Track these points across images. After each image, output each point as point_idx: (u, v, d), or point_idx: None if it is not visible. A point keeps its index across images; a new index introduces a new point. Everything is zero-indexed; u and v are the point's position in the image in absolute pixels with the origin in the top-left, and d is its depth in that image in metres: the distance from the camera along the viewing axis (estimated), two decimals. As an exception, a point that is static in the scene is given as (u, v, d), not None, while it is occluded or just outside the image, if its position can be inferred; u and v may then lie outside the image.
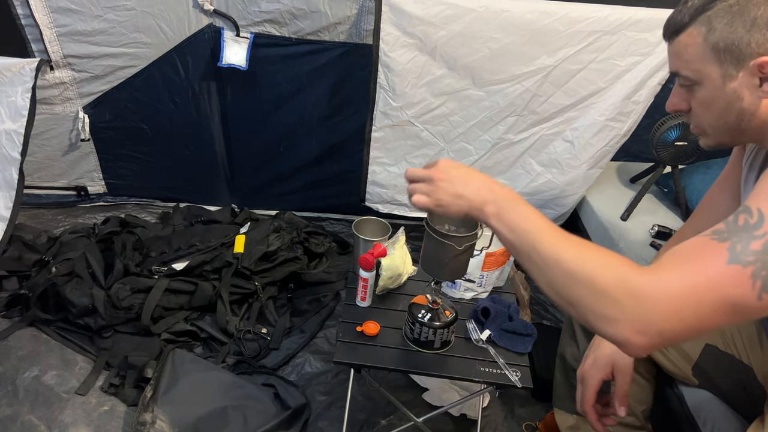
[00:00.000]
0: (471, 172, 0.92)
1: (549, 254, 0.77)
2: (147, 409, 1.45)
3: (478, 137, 2.00)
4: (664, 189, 2.03)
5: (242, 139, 2.23)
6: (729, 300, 0.68)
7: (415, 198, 0.92)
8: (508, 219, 0.83)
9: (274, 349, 1.82)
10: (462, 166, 0.93)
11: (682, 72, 0.87)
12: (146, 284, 1.84)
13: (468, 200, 0.88)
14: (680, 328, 0.69)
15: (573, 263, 0.75)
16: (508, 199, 0.85)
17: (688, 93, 0.89)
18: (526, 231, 0.81)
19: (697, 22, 0.83)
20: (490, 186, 0.87)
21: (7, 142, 1.94)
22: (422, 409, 1.60)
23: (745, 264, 0.67)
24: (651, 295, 0.69)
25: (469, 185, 0.89)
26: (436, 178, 0.91)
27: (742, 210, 0.72)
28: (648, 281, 0.70)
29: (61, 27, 1.93)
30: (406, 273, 1.51)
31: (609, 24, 1.75)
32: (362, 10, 1.85)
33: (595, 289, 0.72)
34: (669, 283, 0.69)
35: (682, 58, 0.86)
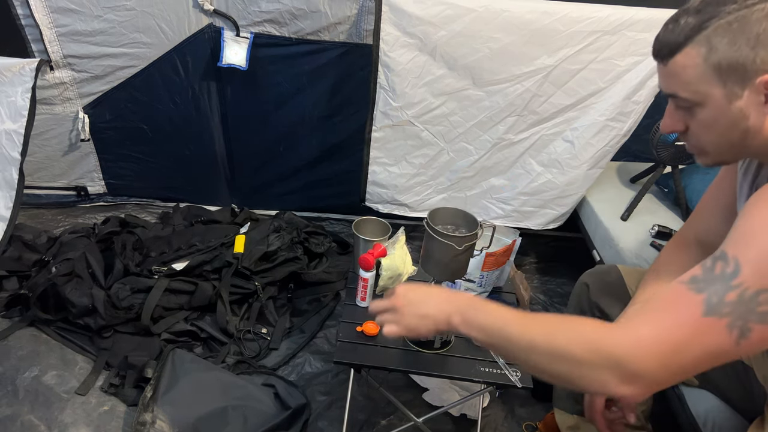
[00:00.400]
0: (428, 290, 0.97)
1: (522, 343, 0.81)
2: (147, 409, 1.45)
3: (478, 137, 2.00)
4: (664, 189, 2.03)
5: (242, 139, 2.23)
6: (708, 349, 0.71)
7: (385, 329, 0.96)
8: (475, 322, 0.87)
9: (274, 349, 1.82)
10: (418, 286, 0.99)
11: (680, 94, 0.84)
12: (146, 284, 1.84)
13: (433, 318, 0.92)
14: (667, 376, 0.73)
15: (546, 345, 0.78)
16: (468, 305, 0.89)
17: (686, 113, 0.86)
18: (494, 328, 0.84)
19: (695, 41, 0.79)
20: (448, 298, 0.92)
21: (7, 142, 1.94)
22: (422, 409, 1.60)
23: (721, 315, 0.70)
24: (629, 354, 0.72)
25: (430, 303, 0.93)
26: (398, 306, 0.96)
27: (720, 256, 0.74)
28: (622, 341, 0.73)
29: (61, 27, 1.93)
30: (406, 273, 1.51)
31: (609, 24, 1.75)
32: (362, 10, 1.85)
33: (574, 362, 0.76)
34: (646, 338, 0.72)
35: (680, 80, 0.83)
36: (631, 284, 1.22)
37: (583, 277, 1.30)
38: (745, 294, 0.69)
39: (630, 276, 1.23)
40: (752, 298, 0.69)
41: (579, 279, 1.31)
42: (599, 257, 1.87)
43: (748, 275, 0.70)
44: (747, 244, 0.73)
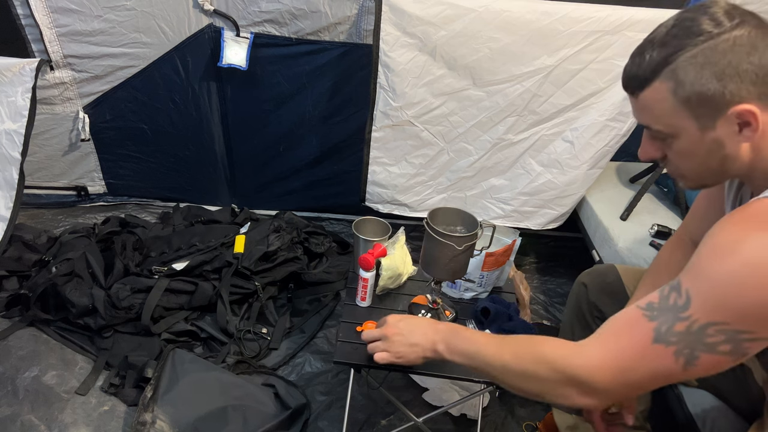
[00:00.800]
0: (416, 320, 1.07)
1: (497, 365, 0.90)
2: (147, 409, 1.45)
3: (478, 137, 2.00)
4: (664, 189, 2.03)
5: (242, 139, 2.23)
6: (656, 372, 0.77)
7: (377, 356, 1.07)
8: (458, 348, 0.96)
9: (274, 349, 1.82)
10: (407, 317, 1.09)
11: (653, 126, 0.85)
12: (146, 284, 1.84)
13: (421, 346, 1.01)
14: (622, 391, 0.81)
15: (516, 366, 0.87)
16: (451, 332, 0.98)
17: (662, 143, 0.86)
18: (474, 352, 0.93)
19: (661, 76, 0.79)
20: (434, 327, 1.02)
21: (7, 142, 1.94)
22: (422, 409, 1.60)
23: (668, 344, 0.75)
24: (584, 373, 0.80)
25: (417, 333, 1.03)
26: (389, 335, 1.06)
27: (675, 286, 0.77)
28: (577, 361, 0.81)
29: (61, 27, 1.93)
30: (406, 273, 1.52)
31: (609, 24, 1.75)
32: (362, 10, 1.85)
33: (541, 381, 0.85)
34: (597, 359, 0.80)
35: (652, 114, 0.84)
36: (629, 284, 1.22)
37: (581, 277, 1.30)
38: (693, 326, 0.73)
39: (628, 276, 1.24)
40: (700, 330, 0.73)
41: (577, 279, 1.31)
42: (599, 257, 1.87)
43: (697, 308, 0.73)
44: (698, 277, 0.75)
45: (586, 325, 1.27)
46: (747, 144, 0.79)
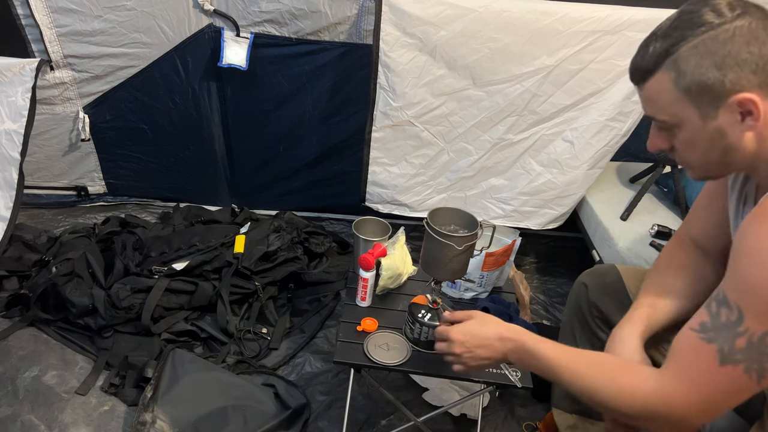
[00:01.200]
0: (481, 335, 1.06)
1: (573, 388, 0.93)
2: (147, 409, 1.45)
3: (478, 137, 2.00)
4: (664, 189, 2.03)
5: (242, 139, 2.23)
6: (733, 391, 0.79)
7: (454, 368, 1.10)
8: (528, 364, 1.00)
9: (274, 349, 1.82)
10: (472, 335, 1.07)
11: (658, 117, 0.86)
12: (146, 284, 1.84)
13: (494, 359, 1.05)
14: (712, 416, 0.83)
15: (594, 396, 0.90)
16: (521, 349, 1.00)
17: (669, 133, 0.88)
18: (545, 372, 0.96)
19: (664, 67, 0.81)
20: (502, 341, 1.03)
21: (7, 142, 1.94)
22: (422, 409, 1.60)
23: (735, 363, 0.76)
24: (666, 410, 0.82)
25: (487, 348, 1.04)
26: (459, 353, 1.07)
27: (722, 300, 0.79)
28: (657, 399, 0.83)
29: (61, 27, 1.93)
30: (406, 273, 1.52)
31: (609, 24, 1.75)
32: (362, 10, 1.85)
33: (622, 414, 0.88)
34: (676, 396, 0.81)
35: (656, 104, 0.85)
36: (629, 284, 1.21)
37: (581, 277, 1.30)
38: (753, 338, 0.74)
39: (628, 276, 1.23)
40: (761, 340, 0.74)
41: (577, 279, 1.31)
42: (599, 257, 1.87)
43: (752, 320, 0.75)
44: (743, 287, 0.77)
45: (586, 325, 1.26)
46: (750, 133, 0.80)
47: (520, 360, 1.01)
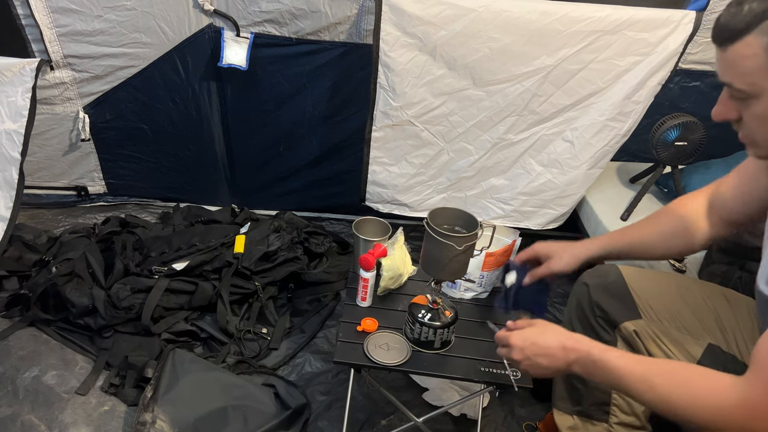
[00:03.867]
0: (544, 346, 1.01)
1: (643, 400, 0.90)
2: (147, 409, 1.45)
3: (478, 137, 2.00)
4: (664, 189, 2.03)
5: (242, 139, 2.23)
6: None
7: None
8: (595, 374, 0.96)
9: (274, 349, 1.82)
10: (532, 342, 1.03)
11: (735, 84, 0.80)
12: (146, 284, 1.84)
13: (555, 369, 1.01)
14: None
15: (667, 408, 0.86)
16: (587, 360, 0.95)
17: (741, 103, 0.82)
18: (613, 384, 0.94)
19: (757, 30, 0.73)
20: (565, 351, 0.98)
21: (7, 142, 1.94)
22: (422, 409, 1.60)
23: None
24: (747, 421, 0.78)
25: (549, 358, 1.00)
26: (519, 360, 1.04)
27: None
28: (739, 408, 0.78)
29: (61, 27, 1.93)
30: (407, 273, 1.51)
31: (609, 24, 1.75)
32: (362, 10, 1.85)
33: (698, 423, 0.84)
34: (760, 404, 0.77)
35: (737, 70, 0.78)
36: (632, 284, 1.21)
37: (582, 277, 1.30)
38: None
39: (630, 275, 1.23)
40: None
41: (578, 279, 1.31)
42: (599, 257, 1.87)
43: None
44: None
45: (588, 326, 1.26)
46: None
47: (586, 371, 0.96)
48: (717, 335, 1.15)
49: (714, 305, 1.18)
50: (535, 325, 1.06)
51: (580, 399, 1.29)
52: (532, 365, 1.03)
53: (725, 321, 1.15)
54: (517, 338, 1.04)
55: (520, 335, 1.05)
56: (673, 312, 1.18)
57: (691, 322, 1.17)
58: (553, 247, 1.27)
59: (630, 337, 1.19)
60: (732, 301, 1.18)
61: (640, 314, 1.19)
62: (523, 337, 1.04)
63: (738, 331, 1.14)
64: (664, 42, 1.78)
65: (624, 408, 1.25)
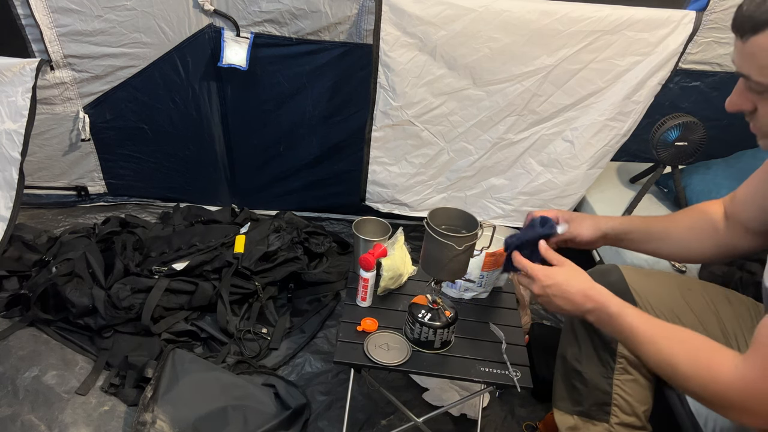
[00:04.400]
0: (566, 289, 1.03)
1: (650, 362, 0.92)
2: (147, 409, 1.45)
3: (478, 137, 2.00)
4: (664, 189, 2.03)
5: (242, 139, 2.23)
6: None
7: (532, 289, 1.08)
8: (607, 327, 0.99)
9: (274, 349, 1.82)
10: (555, 283, 1.04)
11: (754, 77, 0.78)
12: (146, 284, 1.84)
13: (571, 313, 1.04)
14: None
15: (671, 374, 0.88)
16: (601, 311, 0.98)
17: (757, 96, 0.81)
18: (623, 339, 0.96)
19: None
20: (585, 298, 1.00)
21: (7, 142, 1.94)
22: (422, 409, 1.60)
23: None
24: (742, 399, 0.80)
25: (567, 301, 1.02)
26: (538, 294, 1.06)
27: None
28: (735, 386, 0.80)
29: (61, 27, 1.93)
30: (407, 273, 1.51)
31: (609, 24, 1.75)
32: (362, 10, 1.85)
33: (697, 397, 0.87)
34: (761, 386, 0.78)
35: (757, 62, 0.76)
36: (632, 284, 1.21)
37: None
38: None
39: (631, 275, 1.23)
40: None
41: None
42: (599, 257, 1.87)
43: None
44: None
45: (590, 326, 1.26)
46: None
47: (599, 321, 0.99)
48: (718, 336, 1.15)
49: (715, 305, 1.17)
50: (563, 266, 1.07)
51: (580, 399, 1.29)
52: (548, 302, 1.05)
53: (726, 321, 1.15)
54: (542, 273, 1.05)
55: (545, 271, 1.05)
56: (673, 312, 1.18)
57: (692, 323, 1.16)
58: (573, 215, 1.27)
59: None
60: (733, 302, 1.18)
61: (640, 314, 1.19)
62: (548, 274, 1.05)
63: (739, 332, 1.14)
64: (664, 42, 1.78)
65: (624, 408, 1.25)
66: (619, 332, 0.96)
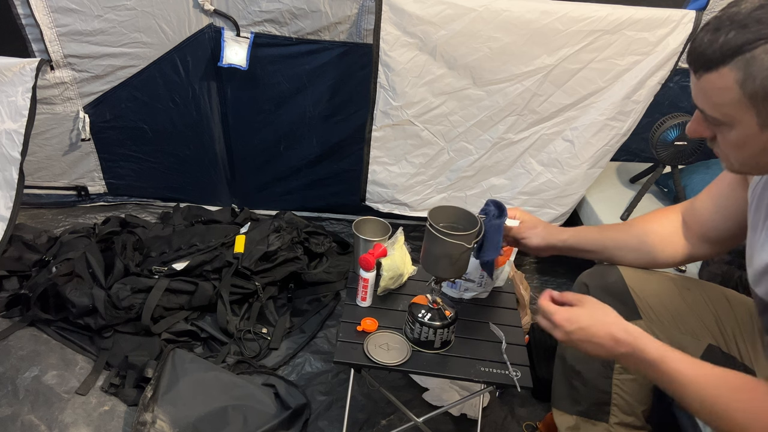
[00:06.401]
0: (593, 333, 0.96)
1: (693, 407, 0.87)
2: (147, 409, 1.45)
3: (478, 137, 1.99)
4: (664, 189, 2.03)
5: (242, 138, 2.23)
6: None
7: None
8: (645, 372, 0.93)
9: (274, 349, 1.82)
10: (579, 324, 0.97)
11: (708, 112, 0.78)
12: (146, 284, 1.84)
13: (600, 356, 0.98)
14: None
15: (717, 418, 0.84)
16: (637, 357, 0.92)
17: (716, 127, 0.81)
18: (666, 382, 0.89)
19: (732, 63, 0.71)
20: (616, 343, 0.93)
21: (7, 142, 1.94)
22: (422, 409, 1.60)
23: None
24: None
25: (596, 346, 0.96)
26: (561, 340, 1.00)
27: None
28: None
29: (61, 27, 1.93)
30: (407, 273, 1.51)
31: (609, 23, 1.75)
32: (362, 9, 1.85)
33: None
34: None
35: (711, 100, 0.77)
36: (632, 284, 1.21)
37: (581, 278, 1.30)
38: None
39: (630, 276, 1.23)
40: None
41: (577, 279, 1.31)
42: (599, 257, 1.86)
43: None
44: None
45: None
46: None
47: (636, 366, 0.92)
48: (717, 336, 1.15)
49: (714, 306, 1.17)
50: (584, 305, 1.00)
51: (580, 399, 1.29)
52: (574, 347, 0.99)
53: (725, 321, 1.15)
54: (563, 318, 0.98)
55: (566, 315, 0.98)
56: (673, 312, 1.18)
57: (691, 323, 1.17)
58: (529, 218, 1.26)
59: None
60: (732, 302, 1.18)
61: (640, 315, 1.19)
62: (570, 318, 0.98)
63: (738, 332, 1.14)
64: (664, 41, 1.78)
65: (624, 408, 1.25)
66: (659, 378, 0.89)
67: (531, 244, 1.23)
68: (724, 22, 0.72)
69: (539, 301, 1.05)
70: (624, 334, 0.93)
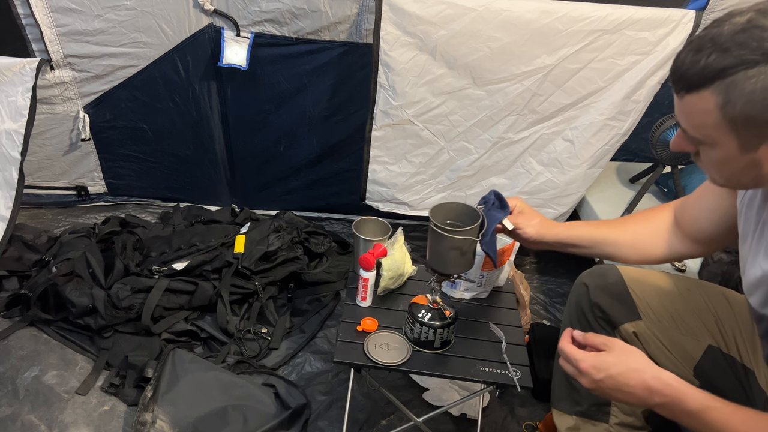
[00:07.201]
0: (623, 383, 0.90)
1: None
2: (147, 409, 1.45)
3: (478, 136, 1.99)
4: (664, 189, 2.03)
5: (242, 138, 2.23)
6: None
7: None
8: (683, 421, 0.88)
9: (274, 349, 1.82)
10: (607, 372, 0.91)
11: (690, 132, 0.79)
12: (146, 284, 1.84)
13: (635, 405, 0.98)
14: None
15: None
16: (675, 407, 0.87)
17: (696, 145, 0.81)
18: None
19: (712, 87, 0.71)
20: (649, 393, 0.88)
21: (7, 142, 1.94)
22: (422, 409, 1.60)
23: None
24: None
25: (627, 395, 0.90)
26: (589, 388, 0.93)
27: None
28: None
29: (61, 27, 1.93)
30: (407, 273, 1.51)
31: (609, 23, 1.75)
32: (362, 9, 1.85)
33: None
34: None
35: (692, 121, 0.77)
36: (631, 284, 1.21)
37: (581, 278, 1.30)
38: None
39: (630, 276, 1.23)
40: None
41: (577, 279, 1.31)
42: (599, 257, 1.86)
43: None
44: None
45: (588, 326, 1.26)
46: None
47: (671, 415, 0.88)
48: (717, 336, 1.15)
49: (714, 306, 1.17)
50: (612, 351, 0.93)
51: (580, 399, 1.29)
52: (602, 395, 0.94)
53: (725, 322, 1.15)
54: (591, 367, 0.91)
55: (593, 363, 0.91)
56: (673, 313, 1.18)
57: (691, 323, 1.17)
58: (527, 209, 1.25)
59: (630, 339, 1.19)
60: (732, 302, 1.18)
61: (639, 315, 1.19)
62: (598, 366, 0.91)
63: (738, 333, 1.14)
64: (663, 41, 1.78)
65: (624, 408, 1.25)
66: (701, 428, 0.85)
67: (526, 235, 1.22)
68: (706, 44, 0.72)
69: (561, 344, 0.97)
70: (659, 384, 0.88)
